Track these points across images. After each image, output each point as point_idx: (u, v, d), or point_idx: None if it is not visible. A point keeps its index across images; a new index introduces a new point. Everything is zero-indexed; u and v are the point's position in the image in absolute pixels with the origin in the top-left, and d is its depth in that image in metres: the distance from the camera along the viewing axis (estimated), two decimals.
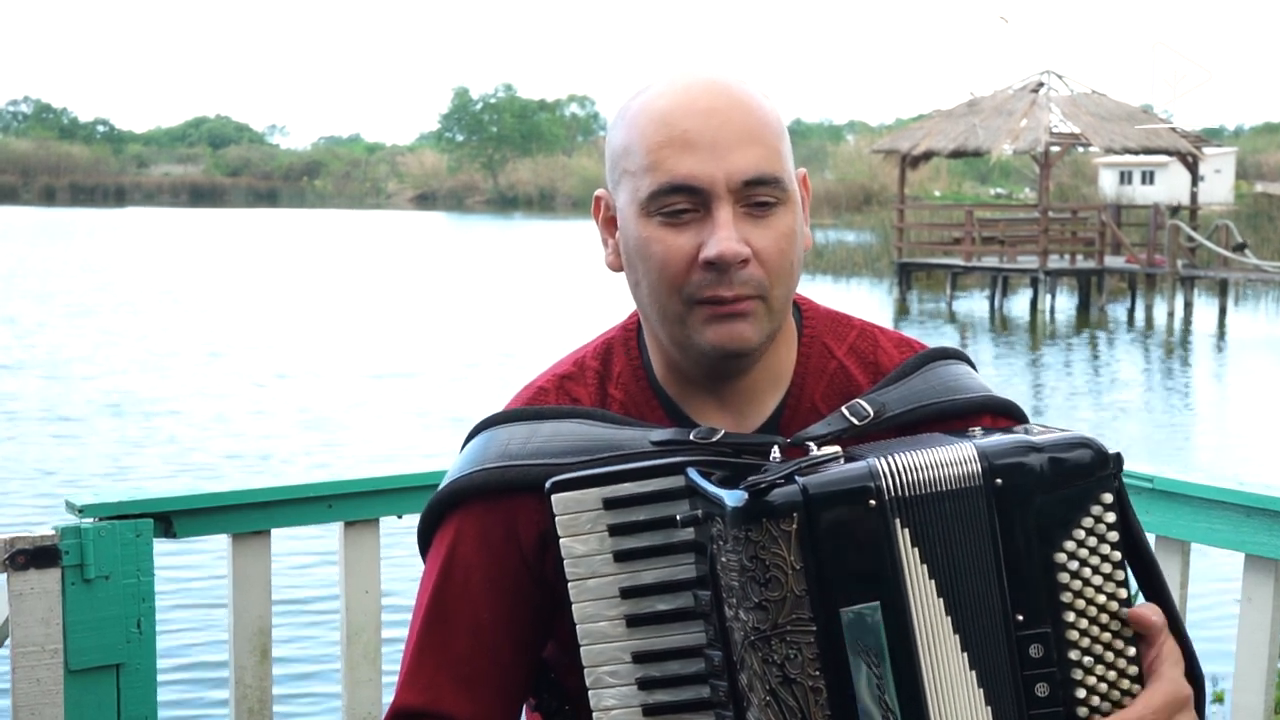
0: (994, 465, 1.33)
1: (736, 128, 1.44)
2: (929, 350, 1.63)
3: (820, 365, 1.59)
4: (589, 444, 1.50)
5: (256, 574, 2.63)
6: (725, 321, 1.46)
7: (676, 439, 1.48)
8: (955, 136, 27.96)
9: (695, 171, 1.43)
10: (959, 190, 59.93)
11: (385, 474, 2.74)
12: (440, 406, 14.72)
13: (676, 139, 1.44)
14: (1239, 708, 2.57)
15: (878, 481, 1.32)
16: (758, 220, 1.45)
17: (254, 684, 2.67)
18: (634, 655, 1.43)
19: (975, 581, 1.33)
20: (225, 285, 29.92)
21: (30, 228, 54.90)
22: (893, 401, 1.53)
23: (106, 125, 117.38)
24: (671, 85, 1.48)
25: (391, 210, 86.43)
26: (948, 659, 1.33)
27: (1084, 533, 1.34)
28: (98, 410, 14.18)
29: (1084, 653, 1.34)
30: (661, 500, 1.43)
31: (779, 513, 1.31)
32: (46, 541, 2.39)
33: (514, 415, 1.57)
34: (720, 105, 1.45)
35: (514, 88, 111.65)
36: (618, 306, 1.82)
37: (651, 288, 1.48)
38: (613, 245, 1.55)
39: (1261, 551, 2.48)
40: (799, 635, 1.31)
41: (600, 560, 1.44)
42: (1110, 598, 1.34)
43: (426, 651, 1.54)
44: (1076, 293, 28.59)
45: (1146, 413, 15.55)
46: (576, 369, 1.60)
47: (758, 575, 1.31)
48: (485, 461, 1.53)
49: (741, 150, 1.44)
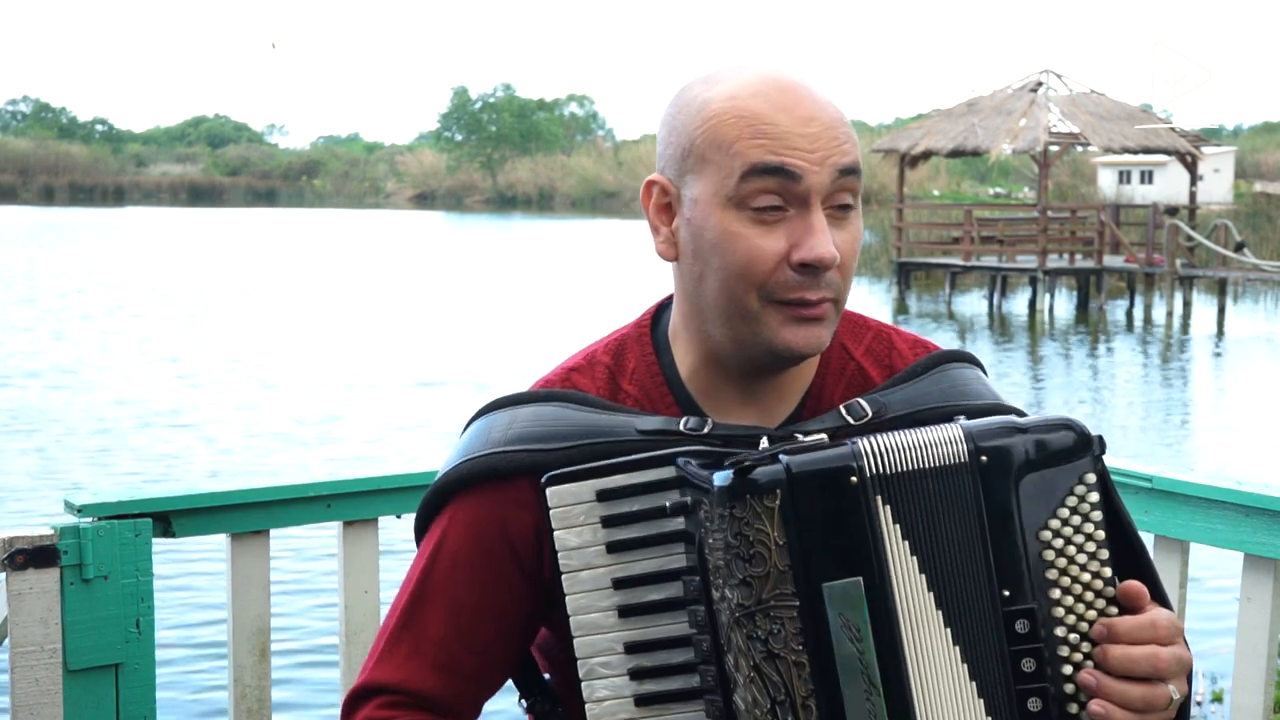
0: (979, 445, 1.36)
1: (830, 123, 1.45)
2: (940, 353, 1.63)
3: (840, 366, 1.60)
4: (570, 428, 1.50)
5: (255, 573, 2.63)
6: (805, 324, 1.46)
7: (665, 429, 1.48)
8: (954, 136, 27.96)
9: (795, 163, 1.42)
10: (958, 190, 59.97)
11: (384, 473, 2.73)
12: (439, 407, 14.72)
13: (775, 133, 1.43)
14: (1238, 707, 2.57)
15: (859, 460, 1.35)
16: (838, 223, 1.46)
17: (253, 683, 2.67)
18: (626, 646, 1.43)
19: (960, 558, 1.35)
20: (224, 285, 29.91)
21: (29, 227, 54.88)
22: (896, 403, 1.53)
23: (105, 125, 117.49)
24: (758, 79, 1.47)
25: (390, 210, 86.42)
26: (930, 634, 1.34)
27: (1068, 511, 1.36)
28: (97, 410, 14.17)
29: (1070, 629, 1.36)
30: (654, 491, 1.43)
31: (763, 489, 1.33)
32: (45, 541, 2.39)
33: (498, 403, 1.56)
34: (813, 103, 1.45)
35: (513, 87, 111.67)
36: (619, 306, 1.81)
37: (725, 281, 1.46)
38: (665, 234, 1.52)
39: (1261, 551, 2.48)
40: (782, 610, 1.33)
41: (594, 552, 1.44)
42: (1095, 576, 1.36)
43: (404, 633, 1.53)
44: (1075, 292, 28.58)
45: (1145, 412, 15.56)
46: (586, 363, 1.60)
47: (742, 551, 1.34)
48: (470, 452, 1.53)
49: (838, 145, 1.45)
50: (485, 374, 16.82)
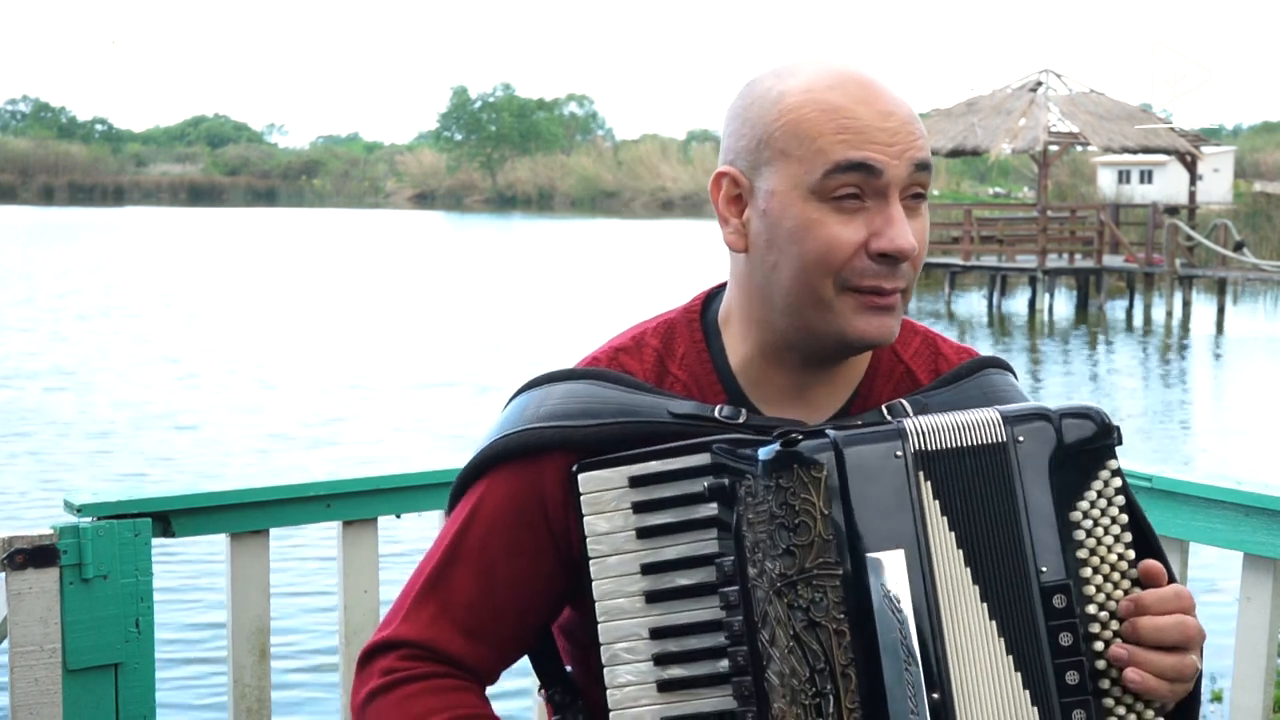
0: (1016, 427, 1.41)
1: (906, 118, 1.49)
2: (983, 358, 1.67)
3: (889, 368, 1.63)
4: (602, 406, 1.53)
5: (255, 573, 2.63)
6: (878, 313, 1.49)
7: (698, 413, 1.51)
8: (954, 135, 27.96)
9: (877, 158, 1.45)
10: (957, 189, 59.97)
11: (384, 473, 2.73)
12: (439, 408, 14.72)
13: (857, 127, 1.46)
14: (1238, 707, 2.57)
15: (904, 436, 1.40)
16: (912, 213, 1.50)
17: (253, 683, 2.67)
18: (651, 631, 1.45)
19: (997, 535, 1.39)
20: (224, 286, 29.91)
21: (29, 227, 54.87)
22: (936, 404, 1.56)
23: (105, 124, 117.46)
24: (834, 73, 1.50)
25: (390, 210, 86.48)
26: (968, 607, 1.38)
27: (1095, 494, 1.41)
28: (97, 412, 14.17)
29: (1100, 607, 1.40)
30: (688, 477, 1.46)
31: (809, 461, 1.37)
32: (45, 541, 2.39)
33: (536, 381, 1.60)
34: (890, 98, 1.49)
35: (513, 87, 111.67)
36: (619, 306, 1.82)
37: (800, 270, 1.48)
38: (735, 225, 1.55)
39: (1260, 551, 2.48)
40: (825, 579, 1.36)
41: (623, 537, 1.47)
42: (1121, 557, 1.41)
43: (431, 594, 1.55)
44: (1075, 292, 28.60)
45: (1145, 412, 15.56)
46: (634, 344, 1.62)
47: (787, 521, 1.37)
48: (507, 428, 1.56)
49: (914, 139, 1.48)
50: (485, 375, 16.82)
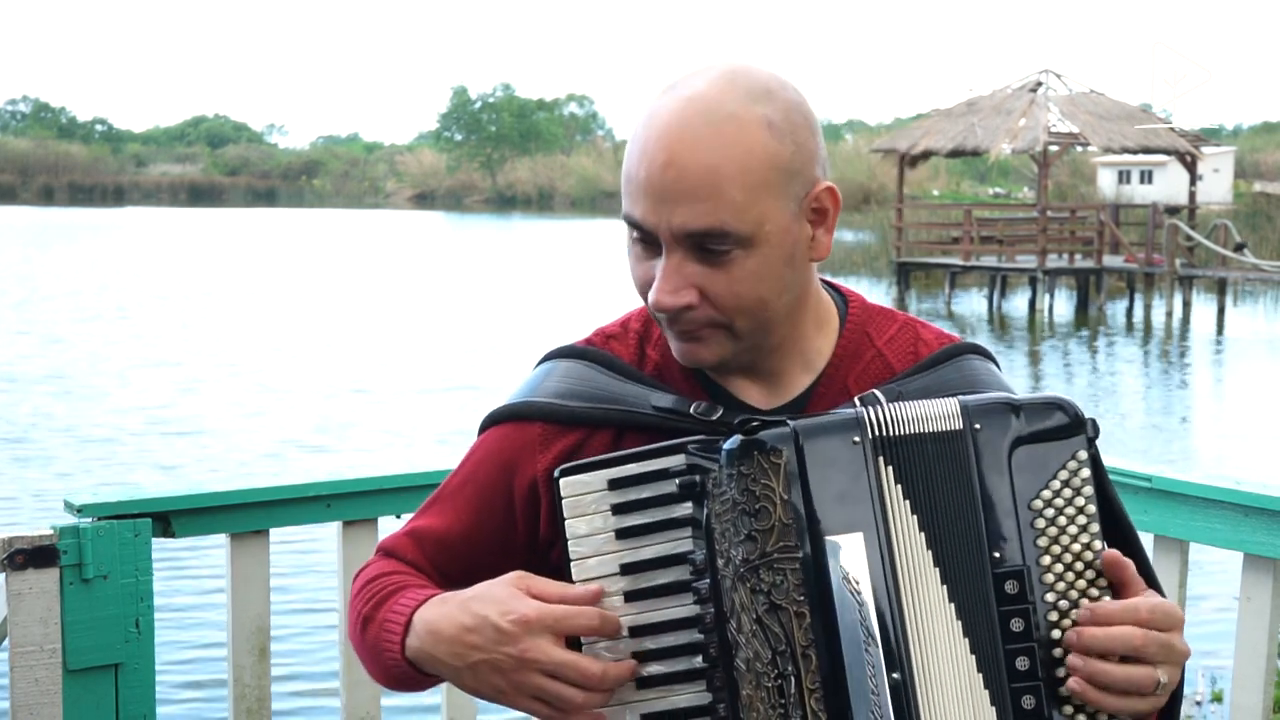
0: (974, 416, 1.43)
1: (689, 180, 1.42)
2: (960, 344, 1.67)
3: (855, 349, 1.64)
4: (592, 390, 1.59)
5: (255, 573, 2.63)
6: (685, 341, 1.53)
7: (678, 409, 1.54)
8: (954, 136, 27.96)
9: (644, 218, 1.46)
10: (957, 190, 59.95)
11: (384, 473, 2.74)
12: (439, 409, 14.72)
13: (635, 179, 1.46)
14: (1238, 707, 2.57)
15: (863, 423, 1.42)
16: (713, 265, 1.46)
17: (252, 683, 2.67)
18: (631, 629, 1.47)
19: (955, 519, 1.41)
20: (224, 286, 29.91)
21: (29, 227, 54.86)
22: (913, 391, 1.56)
23: (105, 124, 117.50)
24: (661, 111, 1.46)
25: (390, 210, 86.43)
26: (928, 590, 1.39)
27: (1059, 484, 1.42)
28: (96, 410, 14.17)
29: (1060, 596, 1.40)
30: (664, 479, 1.48)
31: (769, 448, 1.39)
32: (45, 541, 2.39)
33: (551, 354, 1.67)
34: (681, 151, 1.42)
35: (512, 87, 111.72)
36: (619, 306, 1.84)
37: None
38: None
39: (1260, 551, 2.48)
40: (785, 562, 1.37)
41: (603, 539, 1.48)
42: (1085, 547, 1.41)
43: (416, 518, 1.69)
44: (1075, 292, 28.59)
45: (1145, 412, 15.56)
46: (620, 329, 1.67)
47: (748, 507, 1.38)
48: (515, 397, 1.65)
49: (687, 205, 1.42)
50: (485, 376, 16.82)
